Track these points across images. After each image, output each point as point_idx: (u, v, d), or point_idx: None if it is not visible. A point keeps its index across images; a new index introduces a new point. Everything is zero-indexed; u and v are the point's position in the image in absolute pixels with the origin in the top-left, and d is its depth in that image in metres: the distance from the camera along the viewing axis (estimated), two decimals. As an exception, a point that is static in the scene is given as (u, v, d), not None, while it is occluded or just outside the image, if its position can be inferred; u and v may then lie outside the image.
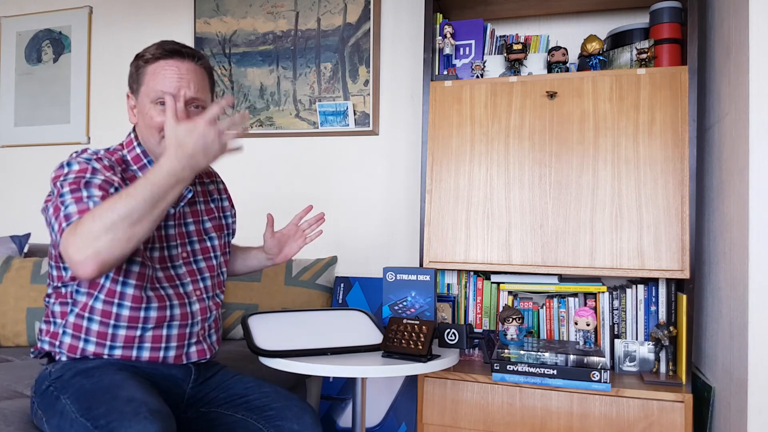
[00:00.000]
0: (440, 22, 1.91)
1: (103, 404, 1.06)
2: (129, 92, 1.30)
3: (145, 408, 1.04)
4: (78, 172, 1.17)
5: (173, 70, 1.24)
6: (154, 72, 1.24)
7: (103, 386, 1.11)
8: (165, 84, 1.22)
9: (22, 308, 2.06)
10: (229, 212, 1.51)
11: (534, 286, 1.80)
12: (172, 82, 1.23)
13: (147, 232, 1.06)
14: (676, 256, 1.60)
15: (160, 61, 1.24)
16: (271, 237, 1.50)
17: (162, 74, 1.23)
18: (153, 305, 1.25)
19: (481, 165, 1.78)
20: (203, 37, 2.47)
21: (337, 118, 2.26)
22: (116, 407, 1.04)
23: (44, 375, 1.24)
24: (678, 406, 1.51)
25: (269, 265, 1.57)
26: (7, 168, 2.83)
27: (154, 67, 1.24)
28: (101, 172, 1.18)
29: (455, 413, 1.67)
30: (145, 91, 1.25)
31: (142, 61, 1.26)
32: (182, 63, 1.25)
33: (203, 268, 1.37)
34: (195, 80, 1.26)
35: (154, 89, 1.23)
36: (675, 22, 1.70)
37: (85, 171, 1.17)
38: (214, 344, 1.39)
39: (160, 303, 1.26)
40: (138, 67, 1.27)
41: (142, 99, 1.26)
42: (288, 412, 1.29)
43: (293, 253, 1.52)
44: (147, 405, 1.05)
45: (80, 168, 1.17)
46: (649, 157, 1.64)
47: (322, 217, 1.53)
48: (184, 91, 1.23)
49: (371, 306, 2.14)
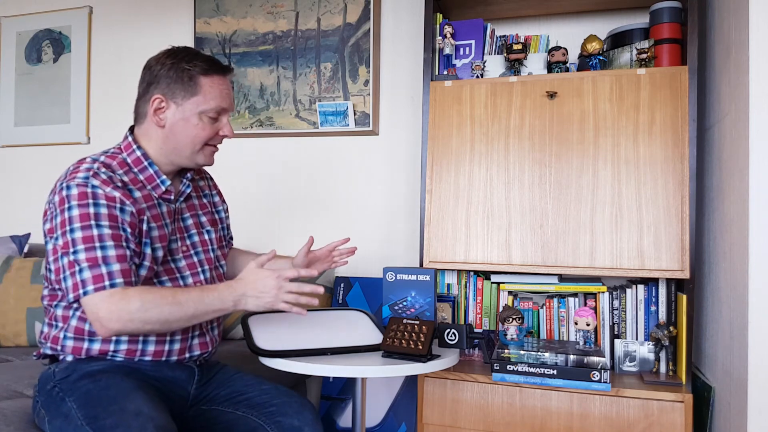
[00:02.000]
0: (440, 22, 1.91)
1: (110, 415, 1.07)
2: (162, 96, 1.26)
3: (152, 424, 1.05)
4: (79, 199, 1.16)
5: (227, 85, 1.32)
6: (212, 86, 1.27)
7: (111, 395, 1.12)
8: (222, 100, 1.29)
9: (22, 308, 2.06)
10: (221, 207, 1.52)
11: (534, 286, 1.80)
12: (227, 98, 1.31)
13: (170, 329, 1.21)
14: (676, 256, 1.60)
15: (216, 76, 1.28)
16: (305, 255, 1.50)
17: (219, 90, 1.28)
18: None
19: (481, 165, 1.78)
20: (203, 37, 2.47)
21: (337, 118, 2.26)
22: (124, 420, 1.05)
23: (48, 374, 1.24)
24: (678, 406, 1.51)
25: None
26: (7, 168, 2.83)
27: (210, 80, 1.27)
28: (101, 190, 1.18)
29: (455, 413, 1.67)
30: (197, 101, 1.26)
31: (194, 72, 1.26)
32: (227, 78, 1.33)
33: (203, 260, 1.38)
34: (233, 95, 1.37)
35: (211, 104, 1.27)
36: (675, 22, 1.70)
37: (86, 197, 1.17)
38: (216, 337, 1.41)
39: None
40: (191, 76, 1.25)
41: (191, 108, 1.26)
42: (288, 408, 1.29)
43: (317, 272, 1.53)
44: (154, 421, 1.06)
45: (80, 192, 1.17)
46: (649, 157, 1.64)
47: (354, 250, 1.55)
48: (232, 105, 1.34)
49: (371, 306, 2.14)
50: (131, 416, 1.06)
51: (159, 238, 1.27)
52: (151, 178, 1.28)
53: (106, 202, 1.17)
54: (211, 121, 1.29)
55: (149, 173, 1.29)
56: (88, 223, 1.15)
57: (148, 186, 1.28)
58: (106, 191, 1.18)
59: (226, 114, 1.32)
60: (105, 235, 1.15)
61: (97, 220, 1.16)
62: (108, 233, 1.16)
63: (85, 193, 1.17)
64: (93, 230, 1.15)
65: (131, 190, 1.24)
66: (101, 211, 1.17)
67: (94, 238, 1.15)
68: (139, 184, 1.27)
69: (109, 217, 1.17)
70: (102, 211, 1.17)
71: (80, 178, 1.18)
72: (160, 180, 1.29)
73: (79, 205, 1.16)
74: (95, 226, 1.15)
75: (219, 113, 1.30)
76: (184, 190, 1.36)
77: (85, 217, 1.15)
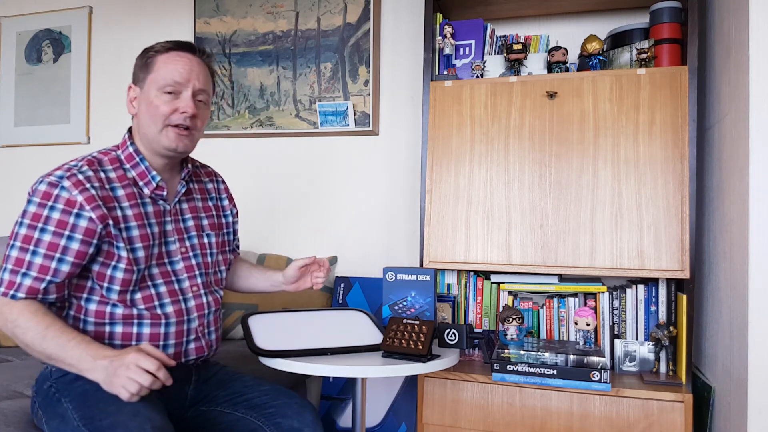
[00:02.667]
0: (440, 22, 1.91)
1: (108, 416, 1.07)
2: (132, 83, 1.31)
3: (150, 425, 1.05)
4: (42, 198, 1.18)
5: (185, 61, 1.28)
6: (166, 61, 1.27)
7: (107, 395, 1.11)
8: (176, 73, 1.26)
9: (22, 308, 2.06)
10: (229, 211, 1.51)
11: (534, 286, 1.80)
12: (183, 72, 1.27)
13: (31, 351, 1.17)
14: (676, 256, 1.60)
15: (172, 52, 1.28)
16: (298, 268, 1.50)
17: (174, 64, 1.26)
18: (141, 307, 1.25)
19: (481, 165, 1.78)
20: (203, 37, 2.47)
21: (337, 118, 2.26)
22: (121, 421, 1.05)
23: (45, 374, 1.24)
24: (678, 406, 1.51)
25: (278, 291, 1.57)
26: (7, 168, 2.83)
27: (166, 56, 1.27)
28: (68, 193, 1.18)
29: (455, 413, 1.67)
30: (153, 78, 1.26)
31: (153, 51, 1.28)
32: (193, 57, 1.30)
33: (201, 263, 1.37)
34: (202, 74, 1.31)
35: (165, 77, 1.25)
36: (675, 22, 1.70)
37: (48, 199, 1.18)
38: (213, 342, 1.39)
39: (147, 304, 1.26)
40: (148, 57, 1.28)
41: (149, 87, 1.26)
42: (288, 409, 1.29)
43: (306, 286, 1.54)
44: (151, 421, 1.06)
45: (45, 192, 1.18)
46: (649, 157, 1.64)
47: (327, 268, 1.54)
48: (194, 82, 1.28)
49: (371, 306, 2.14)
50: (129, 416, 1.06)
51: (140, 238, 1.25)
52: (143, 174, 1.28)
53: (62, 207, 1.17)
54: (170, 97, 1.26)
55: (141, 169, 1.28)
56: (35, 224, 1.17)
57: (140, 182, 1.27)
58: (71, 194, 1.18)
59: (188, 90, 1.27)
60: (42, 242, 1.16)
61: (45, 223, 1.16)
62: (47, 241, 1.16)
63: (49, 194, 1.18)
64: (35, 233, 1.16)
65: (114, 188, 1.24)
66: (53, 215, 1.17)
67: (31, 241, 1.16)
68: (126, 181, 1.26)
69: (58, 223, 1.17)
70: (54, 215, 1.17)
71: (55, 177, 1.19)
72: (151, 176, 1.28)
73: (38, 204, 1.17)
74: (40, 229, 1.16)
75: (176, 89, 1.26)
76: (180, 189, 1.35)
77: (37, 217, 1.17)
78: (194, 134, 1.31)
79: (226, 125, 2.43)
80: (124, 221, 1.23)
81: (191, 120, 1.28)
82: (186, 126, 1.27)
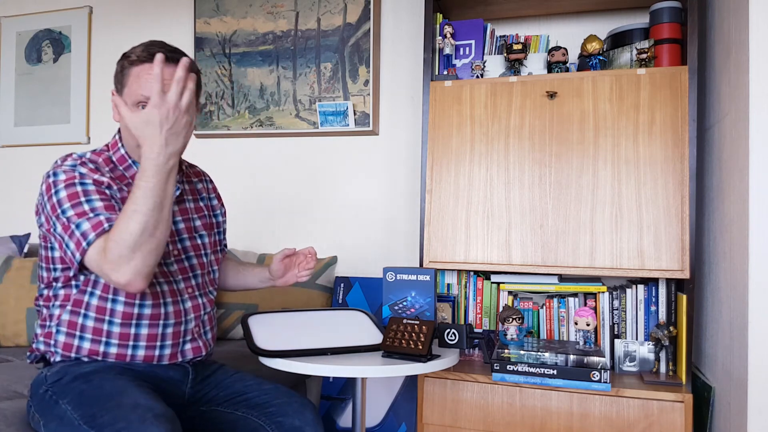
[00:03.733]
0: (440, 22, 1.91)
1: (107, 412, 1.06)
2: (114, 90, 1.28)
3: (151, 414, 1.05)
4: (66, 181, 1.17)
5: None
6: (138, 75, 1.22)
7: (105, 393, 1.11)
8: (147, 89, 1.18)
9: (22, 308, 2.06)
10: (219, 211, 1.52)
11: (534, 286, 1.80)
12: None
13: (167, 229, 1.12)
14: (676, 256, 1.60)
15: (145, 64, 1.21)
16: (281, 260, 1.48)
17: (146, 78, 1.20)
18: (147, 302, 1.26)
19: (481, 165, 1.78)
20: (203, 37, 2.47)
21: (337, 118, 2.26)
22: (122, 415, 1.05)
23: (40, 379, 1.24)
24: (678, 406, 1.51)
25: (267, 286, 1.56)
26: (7, 168, 2.83)
27: (138, 70, 1.22)
28: (88, 175, 1.18)
29: (455, 413, 1.67)
30: (127, 93, 1.23)
31: (127, 62, 1.23)
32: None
33: (195, 265, 1.37)
34: None
35: (136, 92, 1.21)
36: (675, 22, 1.70)
37: (74, 179, 1.17)
38: (209, 341, 1.40)
39: (154, 300, 1.26)
40: (123, 67, 1.24)
41: (126, 100, 1.23)
42: (289, 408, 1.29)
43: (294, 280, 1.51)
44: (152, 410, 1.06)
45: (67, 177, 1.18)
46: (649, 157, 1.64)
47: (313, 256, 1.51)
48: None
49: (371, 306, 2.14)
50: (129, 410, 1.05)
51: None
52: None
53: (93, 182, 1.17)
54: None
55: (134, 171, 1.29)
56: (78, 201, 1.15)
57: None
58: (94, 177, 1.18)
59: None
60: (96, 207, 1.14)
61: (86, 195, 1.15)
62: (98, 205, 1.15)
63: (72, 177, 1.17)
64: (83, 206, 1.14)
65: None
66: (89, 188, 1.16)
67: (85, 212, 1.14)
68: (126, 181, 1.27)
69: (99, 193, 1.16)
70: (90, 188, 1.16)
71: (67, 166, 1.19)
72: None
73: (66, 187, 1.16)
74: (85, 201, 1.14)
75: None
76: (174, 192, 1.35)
77: (74, 195, 1.15)
78: None
79: (226, 125, 2.43)
80: None
81: None
82: None
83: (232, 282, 1.59)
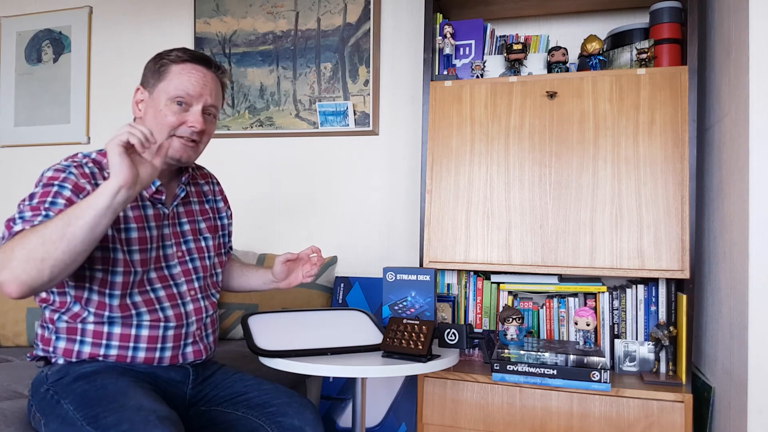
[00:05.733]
0: (440, 22, 1.91)
1: (111, 413, 1.06)
2: (141, 86, 1.30)
3: (155, 416, 1.05)
4: (49, 179, 1.16)
5: (200, 75, 1.28)
6: (181, 72, 1.26)
7: (108, 394, 1.11)
8: (190, 86, 1.25)
9: (22, 308, 2.06)
10: (225, 213, 1.51)
11: (534, 286, 1.80)
12: (197, 86, 1.27)
13: (68, 253, 1.00)
14: (676, 256, 1.60)
15: (188, 63, 1.27)
16: (283, 263, 1.48)
17: (188, 76, 1.26)
18: (142, 310, 1.25)
19: (481, 165, 1.78)
20: (203, 37, 2.47)
21: (337, 118, 2.26)
22: (126, 416, 1.04)
23: (41, 378, 1.23)
24: (678, 406, 1.51)
25: (271, 288, 1.56)
26: (7, 168, 2.83)
27: (181, 67, 1.27)
28: (73, 179, 1.17)
29: (455, 413, 1.67)
30: (165, 87, 1.25)
31: (168, 60, 1.27)
32: (208, 71, 1.29)
33: (198, 267, 1.37)
34: (215, 90, 1.31)
35: (177, 88, 1.25)
36: (675, 22, 1.70)
37: (56, 179, 1.16)
38: (210, 344, 1.39)
39: (148, 307, 1.26)
40: (162, 64, 1.27)
41: (159, 95, 1.26)
42: (289, 408, 1.29)
43: (298, 282, 1.51)
44: (156, 413, 1.06)
45: (51, 176, 1.17)
46: (649, 157, 1.64)
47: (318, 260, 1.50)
48: (206, 97, 1.28)
49: (371, 306, 2.14)
50: (133, 411, 1.06)
51: (137, 240, 1.25)
52: None
53: (71, 187, 1.16)
54: (179, 109, 1.25)
55: None
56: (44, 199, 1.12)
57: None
58: (79, 182, 1.18)
59: (198, 105, 1.27)
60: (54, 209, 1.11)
61: (55, 197, 1.14)
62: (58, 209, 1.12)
63: (56, 178, 1.17)
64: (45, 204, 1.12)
65: None
66: (65, 192, 1.15)
67: (38, 209, 1.11)
68: None
69: (68, 200, 1.15)
70: (65, 192, 1.15)
71: (62, 165, 1.20)
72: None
73: (44, 186, 1.16)
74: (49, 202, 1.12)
75: (186, 101, 1.25)
76: (179, 193, 1.35)
77: (45, 194, 1.14)
78: (200, 146, 1.32)
79: (226, 125, 2.43)
80: (124, 222, 1.23)
81: (198, 134, 1.28)
82: (193, 139, 1.28)
83: (236, 283, 1.59)
